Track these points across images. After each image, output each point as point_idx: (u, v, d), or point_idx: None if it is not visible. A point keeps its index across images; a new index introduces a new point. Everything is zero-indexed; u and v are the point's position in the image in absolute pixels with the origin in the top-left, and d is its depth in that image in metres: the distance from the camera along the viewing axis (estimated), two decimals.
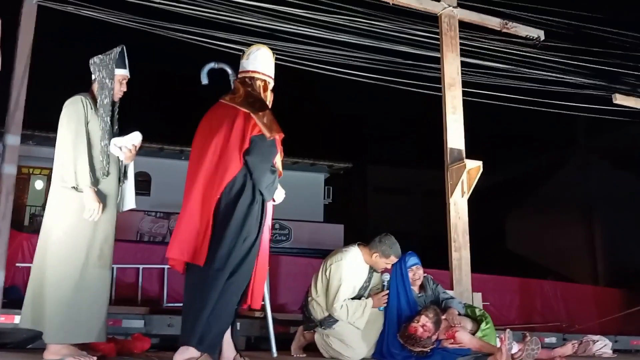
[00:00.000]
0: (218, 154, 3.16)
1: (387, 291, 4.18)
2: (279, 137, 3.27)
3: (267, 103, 3.40)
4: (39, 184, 16.17)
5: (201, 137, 3.30)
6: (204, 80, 3.65)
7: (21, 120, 1.39)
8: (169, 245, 3.17)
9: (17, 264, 6.59)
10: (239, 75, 3.51)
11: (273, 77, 3.53)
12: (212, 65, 3.70)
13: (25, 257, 6.65)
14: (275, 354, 3.64)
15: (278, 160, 3.42)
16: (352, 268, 4.10)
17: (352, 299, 4.07)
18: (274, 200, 3.40)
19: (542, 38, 6.78)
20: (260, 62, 3.46)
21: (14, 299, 5.60)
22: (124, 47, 3.45)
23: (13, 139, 1.28)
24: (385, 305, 4.15)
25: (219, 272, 2.98)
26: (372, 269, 4.24)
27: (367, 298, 4.13)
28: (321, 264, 4.25)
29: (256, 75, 3.44)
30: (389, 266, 4.20)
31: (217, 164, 3.14)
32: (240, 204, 3.10)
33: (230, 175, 3.10)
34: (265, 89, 3.45)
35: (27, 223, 15.50)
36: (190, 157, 3.34)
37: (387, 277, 4.25)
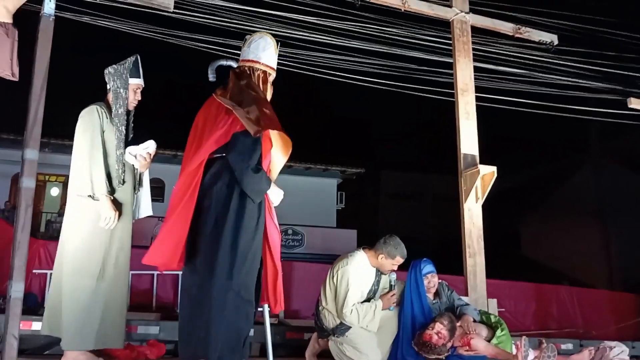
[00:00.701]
0: (200, 153, 2.98)
1: (395, 291, 4.18)
2: (275, 132, 3.07)
3: (265, 95, 3.17)
4: (54, 191, 16.34)
5: (191, 135, 3.15)
6: (211, 76, 3.45)
7: (39, 135, 1.42)
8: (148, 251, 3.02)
9: (34, 271, 6.66)
10: (239, 64, 3.30)
11: (275, 67, 3.31)
12: (221, 62, 3.61)
13: (42, 263, 6.72)
14: None
15: (277, 155, 3.24)
16: (358, 272, 4.09)
17: (362, 302, 4.07)
18: (271, 203, 3.18)
19: (556, 42, 6.74)
20: (261, 51, 3.24)
21: (30, 306, 5.67)
22: (138, 57, 3.48)
23: (31, 154, 1.31)
24: (394, 304, 4.15)
25: (219, 280, 2.84)
26: (379, 272, 4.22)
27: (376, 300, 4.12)
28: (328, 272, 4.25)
29: (256, 66, 3.22)
30: (395, 267, 4.18)
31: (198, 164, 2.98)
32: (232, 205, 2.93)
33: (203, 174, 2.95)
34: (265, 80, 3.24)
35: (42, 229, 15.66)
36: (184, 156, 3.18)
37: (394, 276, 4.25)
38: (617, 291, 13.39)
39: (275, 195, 3.17)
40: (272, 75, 3.31)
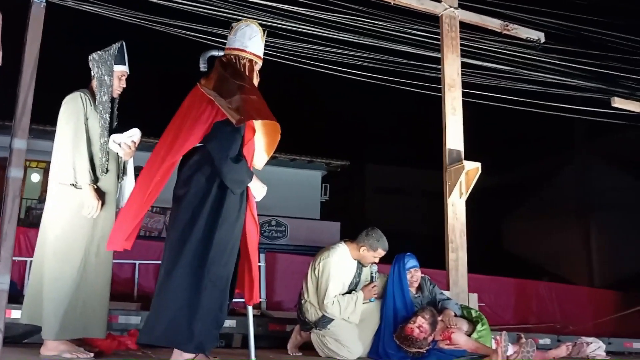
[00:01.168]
0: (179, 143, 2.92)
1: (376, 282, 4.21)
2: (260, 121, 3.02)
3: (250, 85, 3.08)
4: (35, 177, 16.13)
5: (171, 122, 3.08)
6: (203, 66, 3.40)
7: (28, 125, 1.39)
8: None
9: (13, 258, 6.55)
10: (225, 52, 3.22)
11: (261, 56, 3.24)
12: (212, 52, 3.56)
13: (21, 250, 6.62)
14: None
15: (261, 145, 3.18)
16: (340, 264, 4.11)
17: (343, 294, 4.08)
18: (253, 197, 3.11)
19: (543, 40, 6.79)
20: (247, 39, 3.16)
21: (10, 294, 5.59)
22: (124, 43, 3.42)
23: (20, 143, 1.29)
24: (375, 296, 4.17)
25: (196, 269, 2.81)
26: (360, 264, 4.26)
27: (357, 292, 4.14)
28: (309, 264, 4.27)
29: (242, 54, 3.15)
30: (376, 260, 4.22)
31: (175, 151, 2.93)
32: (210, 196, 2.88)
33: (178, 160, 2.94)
34: (251, 69, 3.16)
35: (22, 216, 15.46)
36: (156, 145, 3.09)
37: (375, 268, 4.29)
38: (597, 287, 13.61)
39: (257, 190, 3.10)
40: (259, 64, 3.25)
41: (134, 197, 2.93)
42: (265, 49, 3.36)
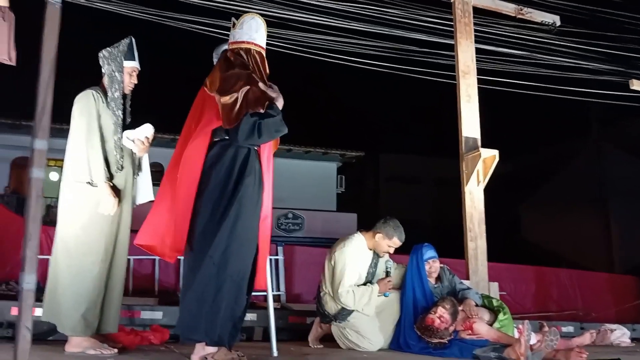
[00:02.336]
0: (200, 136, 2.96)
1: (391, 277, 4.20)
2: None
3: (262, 75, 3.09)
4: (53, 176, 16.30)
5: (188, 118, 3.13)
6: (216, 61, 3.41)
7: (48, 125, 1.40)
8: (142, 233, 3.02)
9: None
10: (231, 47, 3.18)
11: (265, 48, 3.24)
12: (226, 46, 3.56)
13: (43, 248, 6.65)
14: (275, 354, 3.38)
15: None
16: (356, 254, 4.11)
17: (359, 286, 4.08)
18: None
19: (558, 23, 6.68)
20: (254, 32, 3.16)
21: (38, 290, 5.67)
22: (133, 39, 3.40)
23: (40, 144, 1.29)
24: (390, 291, 4.16)
25: (211, 259, 2.80)
26: (376, 255, 4.24)
27: (372, 284, 4.13)
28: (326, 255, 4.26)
29: (252, 47, 3.14)
30: (391, 250, 4.21)
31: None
32: (230, 189, 2.87)
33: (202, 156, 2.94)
34: (262, 61, 3.16)
35: (43, 214, 15.67)
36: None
37: (391, 263, 4.28)
38: (617, 274, 13.44)
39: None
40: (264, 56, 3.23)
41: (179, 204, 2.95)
42: (277, 41, 3.35)
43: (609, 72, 8.97)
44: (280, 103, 3.02)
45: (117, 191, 3.20)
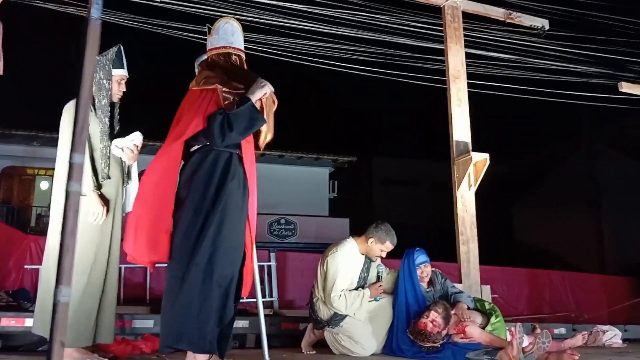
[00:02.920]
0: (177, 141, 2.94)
1: (382, 282, 4.21)
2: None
3: (244, 74, 3.09)
4: (44, 185, 16.22)
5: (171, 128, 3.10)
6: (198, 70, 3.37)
7: (86, 140, 1.41)
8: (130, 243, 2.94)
9: (25, 266, 6.60)
10: (209, 54, 3.18)
11: (244, 50, 3.24)
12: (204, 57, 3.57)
13: (33, 258, 6.65)
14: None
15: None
16: (347, 259, 4.12)
17: (350, 291, 4.08)
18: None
19: (547, 27, 6.72)
20: (231, 35, 3.15)
21: (22, 302, 5.63)
22: (121, 47, 3.38)
23: (79, 158, 1.29)
24: (381, 295, 4.17)
25: (197, 267, 2.77)
26: (367, 260, 4.25)
27: (364, 289, 4.14)
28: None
29: (230, 51, 3.14)
30: (383, 254, 4.21)
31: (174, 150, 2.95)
32: (212, 195, 2.85)
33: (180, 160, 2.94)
34: (242, 63, 3.16)
35: (33, 224, 15.55)
36: None
37: (382, 268, 4.30)
38: (609, 275, 13.51)
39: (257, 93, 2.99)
40: (244, 59, 3.24)
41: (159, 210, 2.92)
42: (267, 48, 3.36)
43: (598, 74, 9.04)
44: (258, 94, 2.99)
45: (106, 200, 3.18)
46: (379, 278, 4.24)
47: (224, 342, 2.89)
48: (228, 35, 3.16)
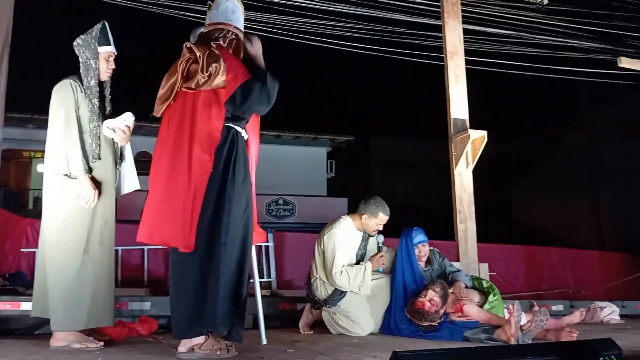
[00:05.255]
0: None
1: (384, 252, 4.21)
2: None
3: (232, 55, 3.01)
4: (41, 167, 16.16)
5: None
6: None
7: (2, 112, 1.33)
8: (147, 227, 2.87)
9: (22, 249, 6.58)
10: (206, 29, 3.14)
11: (242, 30, 3.17)
12: (202, 29, 3.51)
13: (29, 242, 6.63)
14: (264, 342, 3.32)
15: None
16: (345, 236, 4.10)
17: (351, 266, 4.07)
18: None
19: (546, 2, 6.63)
20: (231, 13, 3.11)
21: (19, 285, 5.62)
22: (105, 23, 3.28)
23: None
24: (383, 266, 4.18)
25: (224, 246, 2.77)
26: (366, 236, 4.25)
27: (365, 263, 4.13)
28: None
29: (227, 28, 3.08)
30: (380, 227, 4.20)
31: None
32: (216, 175, 2.82)
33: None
34: (237, 44, 3.09)
35: (31, 206, 15.53)
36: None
37: (381, 238, 4.29)
38: (607, 251, 13.56)
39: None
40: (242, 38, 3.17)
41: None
42: (262, 26, 3.30)
43: (597, 50, 8.95)
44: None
45: (97, 182, 3.13)
46: (379, 249, 4.24)
47: (240, 319, 2.91)
48: (228, 12, 3.12)
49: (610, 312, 5.65)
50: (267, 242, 7.53)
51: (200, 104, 2.87)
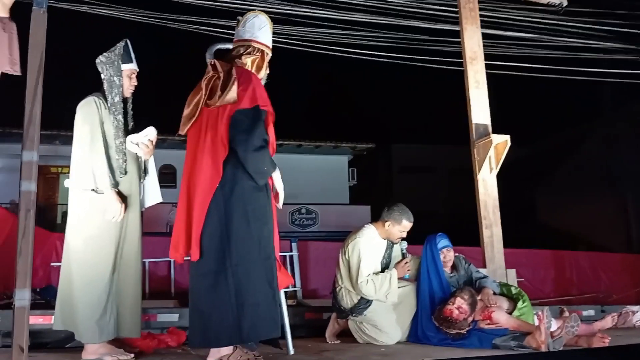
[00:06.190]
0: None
1: (408, 259, 4.19)
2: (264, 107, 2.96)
3: (260, 74, 3.14)
4: (67, 183, 16.48)
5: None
6: (209, 59, 3.36)
7: (36, 136, 1.37)
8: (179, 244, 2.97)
9: (52, 264, 6.71)
10: (234, 44, 3.23)
11: (271, 46, 3.25)
12: (219, 45, 3.54)
13: (59, 256, 6.65)
14: (291, 352, 3.33)
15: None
16: (369, 244, 4.09)
17: (376, 274, 4.06)
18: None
19: (565, 4, 6.55)
20: (257, 29, 3.17)
21: (50, 299, 5.72)
22: (128, 41, 3.37)
23: (29, 155, 1.26)
24: (409, 272, 4.16)
25: (250, 262, 2.82)
26: (390, 244, 4.24)
27: (390, 270, 4.12)
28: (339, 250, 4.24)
29: (253, 44, 3.15)
30: (403, 234, 4.18)
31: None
32: (239, 186, 2.86)
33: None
34: (262, 59, 3.17)
35: (59, 221, 15.81)
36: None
37: (404, 245, 4.26)
38: (637, 254, 13.26)
39: (279, 179, 3.06)
40: (269, 55, 3.25)
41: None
42: (281, 37, 3.34)
43: (619, 50, 8.82)
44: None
45: (123, 197, 3.19)
46: (403, 255, 4.22)
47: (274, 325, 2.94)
48: (255, 29, 3.18)
49: None
50: (292, 251, 7.55)
51: (218, 120, 2.92)
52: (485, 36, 6.16)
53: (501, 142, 5.29)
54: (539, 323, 3.51)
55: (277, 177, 3.04)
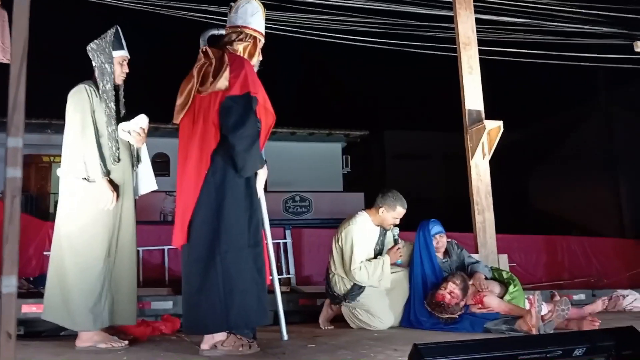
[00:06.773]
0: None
1: (400, 245, 4.22)
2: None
3: (252, 61, 3.11)
4: (59, 171, 16.41)
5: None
6: (203, 45, 3.38)
7: (21, 121, 1.35)
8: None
9: (45, 253, 6.70)
10: (226, 30, 3.19)
11: (264, 33, 3.21)
12: (212, 31, 3.50)
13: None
14: (285, 337, 3.36)
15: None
16: (362, 231, 4.12)
17: (369, 260, 4.09)
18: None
19: None
20: (250, 16, 3.14)
21: (44, 287, 5.71)
22: (118, 28, 3.34)
23: (14, 142, 1.25)
24: (401, 258, 4.20)
25: (239, 249, 2.80)
26: (382, 231, 4.26)
27: (383, 257, 4.15)
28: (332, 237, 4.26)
29: (245, 31, 3.12)
30: (396, 221, 4.21)
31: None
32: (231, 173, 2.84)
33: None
34: (254, 45, 3.14)
35: (52, 210, 15.76)
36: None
37: (396, 231, 4.29)
38: (628, 239, 13.37)
39: (262, 175, 3.01)
40: (262, 41, 3.22)
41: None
42: (274, 23, 3.31)
43: (612, 35, 8.81)
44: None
45: (115, 185, 3.18)
46: (396, 242, 4.25)
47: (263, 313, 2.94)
48: (247, 15, 3.15)
49: (632, 300, 5.59)
50: (285, 239, 7.57)
51: (210, 107, 2.90)
52: (478, 21, 6.14)
53: (494, 127, 5.31)
54: (530, 307, 3.56)
55: (262, 173, 2.99)
